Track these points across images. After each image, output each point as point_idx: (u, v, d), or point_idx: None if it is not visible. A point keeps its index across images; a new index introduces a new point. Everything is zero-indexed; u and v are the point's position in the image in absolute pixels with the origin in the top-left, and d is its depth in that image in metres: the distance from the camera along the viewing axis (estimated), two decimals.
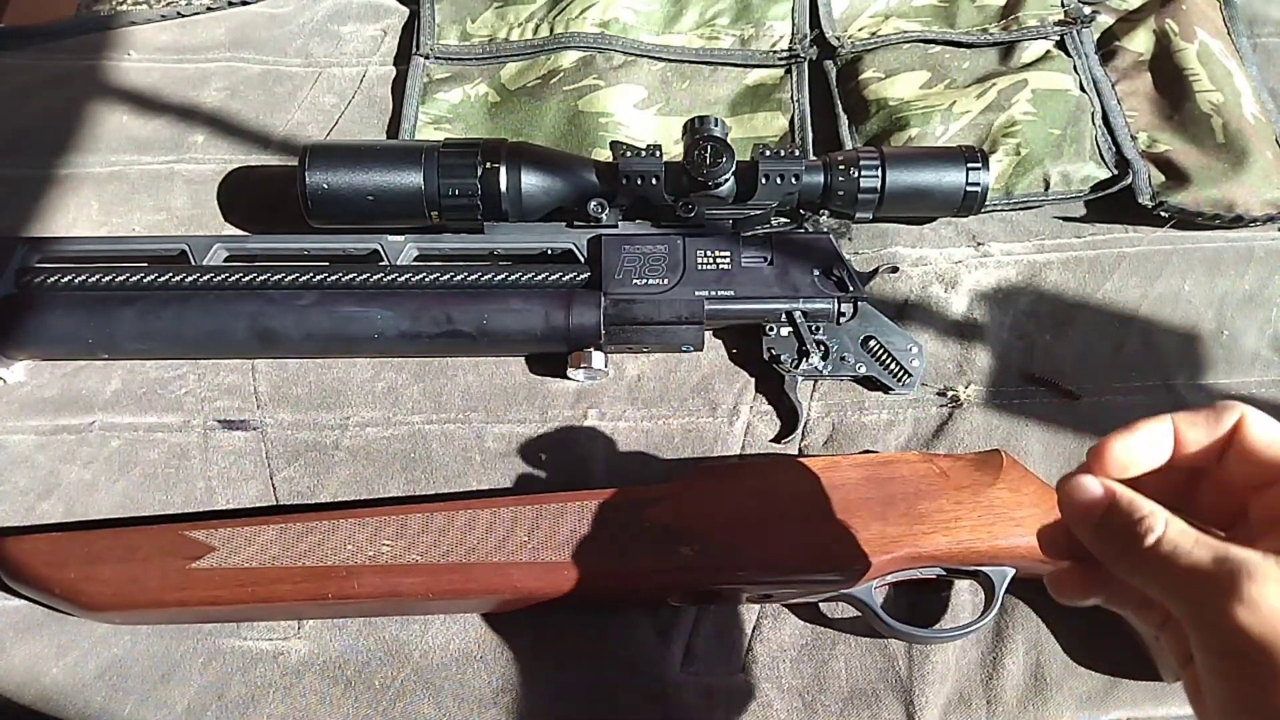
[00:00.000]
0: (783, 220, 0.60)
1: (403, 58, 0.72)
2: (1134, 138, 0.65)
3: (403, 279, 0.57)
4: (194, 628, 0.51)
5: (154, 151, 0.67)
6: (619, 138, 0.64)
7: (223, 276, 0.57)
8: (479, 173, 0.56)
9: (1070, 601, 0.35)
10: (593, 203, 0.57)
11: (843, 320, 0.58)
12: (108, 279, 0.56)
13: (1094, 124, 0.65)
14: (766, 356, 0.57)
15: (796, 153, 0.56)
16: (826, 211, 0.59)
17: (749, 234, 0.58)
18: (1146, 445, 0.33)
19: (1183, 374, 0.58)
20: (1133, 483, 0.32)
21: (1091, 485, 0.32)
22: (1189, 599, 0.29)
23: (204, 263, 0.58)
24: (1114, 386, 0.58)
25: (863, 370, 0.57)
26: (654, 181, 0.56)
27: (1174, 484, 0.34)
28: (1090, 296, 0.61)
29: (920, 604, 0.52)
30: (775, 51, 0.69)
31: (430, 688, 0.50)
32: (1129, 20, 0.70)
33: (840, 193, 0.57)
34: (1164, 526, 0.30)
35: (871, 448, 0.56)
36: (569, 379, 0.58)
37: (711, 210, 0.57)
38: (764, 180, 0.56)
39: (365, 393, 0.58)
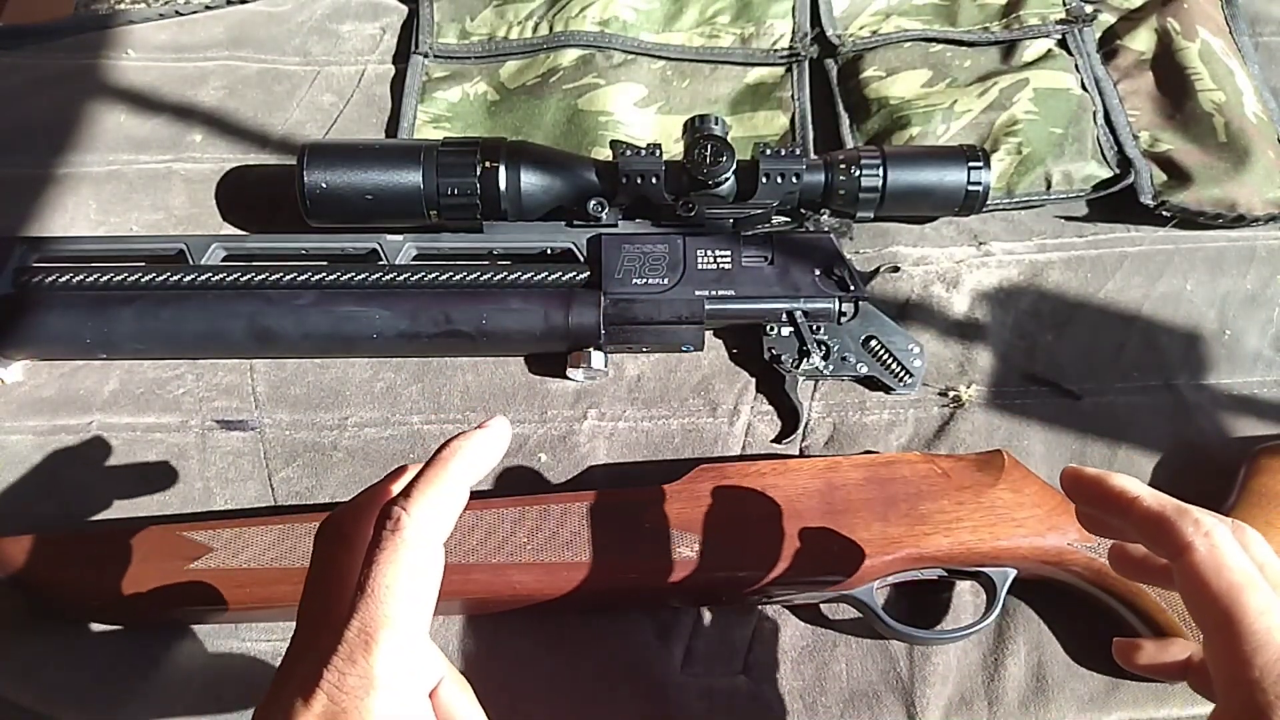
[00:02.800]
0: (783, 219, 0.60)
1: (401, 56, 0.72)
2: (1136, 137, 0.64)
3: (401, 278, 0.57)
4: (192, 629, 0.51)
5: (152, 150, 0.67)
6: (619, 136, 0.64)
7: (221, 276, 0.56)
8: (478, 172, 0.55)
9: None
10: (592, 202, 0.57)
11: (844, 320, 0.57)
12: (105, 279, 0.56)
13: (1096, 123, 0.64)
14: (767, 356, 0.57)
15: (797, 151, 0.55)
16: (827, 211, 0.59)
17: (749, 233, 0.58)
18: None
19: (1185, 374, 0.58)
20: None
21: None
22: None
23: (202, 262, 0.57)
24: (1116, 386, 0.58)
25: (864, 370, 0.57)
26: (654, 180, 0.56)
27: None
28: (1092, 296, 0.61)
29: (921, 605, 0.52)
30: (776, 50, 0.69)
31: None
32: (1130, 19, 0.70)
33: (841, 192, 0.57)
34: None
35: (873, 448, 0.56)
36: (568, 379, 0.58)
37: (712, 209, 0.57)
38: (765, 179, 0.55)
39: (364, 393, 0.58)
